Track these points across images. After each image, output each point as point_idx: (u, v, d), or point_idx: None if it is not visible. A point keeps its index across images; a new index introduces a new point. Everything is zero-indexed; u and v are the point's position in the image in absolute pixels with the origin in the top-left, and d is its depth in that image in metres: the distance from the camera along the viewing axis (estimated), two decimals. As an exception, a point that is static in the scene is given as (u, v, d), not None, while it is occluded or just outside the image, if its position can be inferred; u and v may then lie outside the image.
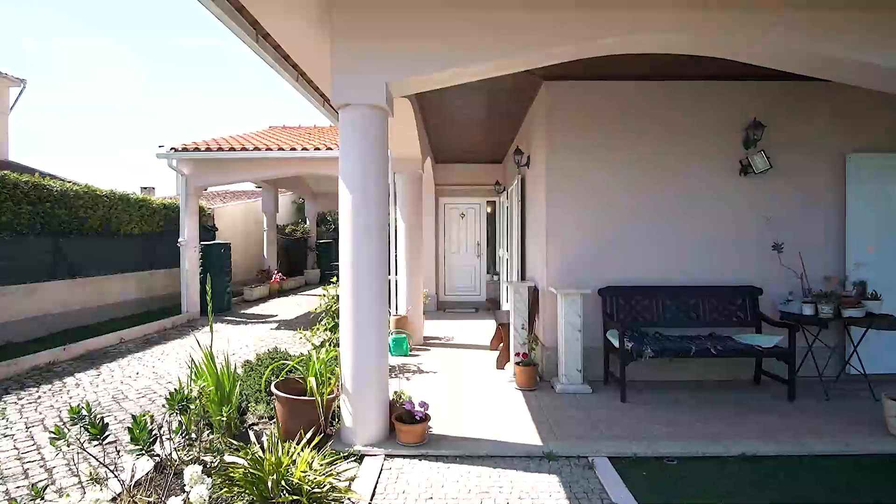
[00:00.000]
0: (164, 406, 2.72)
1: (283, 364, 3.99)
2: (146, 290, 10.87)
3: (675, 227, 5.15)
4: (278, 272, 14.68)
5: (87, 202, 9.09)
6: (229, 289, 11.29)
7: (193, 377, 3.76)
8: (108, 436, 2.46)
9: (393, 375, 5.38)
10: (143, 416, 2.43)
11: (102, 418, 2.45)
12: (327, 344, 5.30)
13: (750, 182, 5.11)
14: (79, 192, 8.95)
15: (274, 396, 3.71)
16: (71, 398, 5.29)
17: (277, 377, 4.03)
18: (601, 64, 4.81)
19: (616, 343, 4.61)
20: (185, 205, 10.27)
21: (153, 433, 2.46)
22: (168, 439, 2.59)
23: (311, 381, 3.60)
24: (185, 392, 2.62)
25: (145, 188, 24.27)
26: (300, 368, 3.85)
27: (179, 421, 2.64)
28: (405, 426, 3.48)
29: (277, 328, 9.32)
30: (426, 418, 3.57)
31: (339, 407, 3.74)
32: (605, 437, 3.70)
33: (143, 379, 5.99)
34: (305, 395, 3.78)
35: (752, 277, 5.10)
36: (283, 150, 10.04)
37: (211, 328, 3.77)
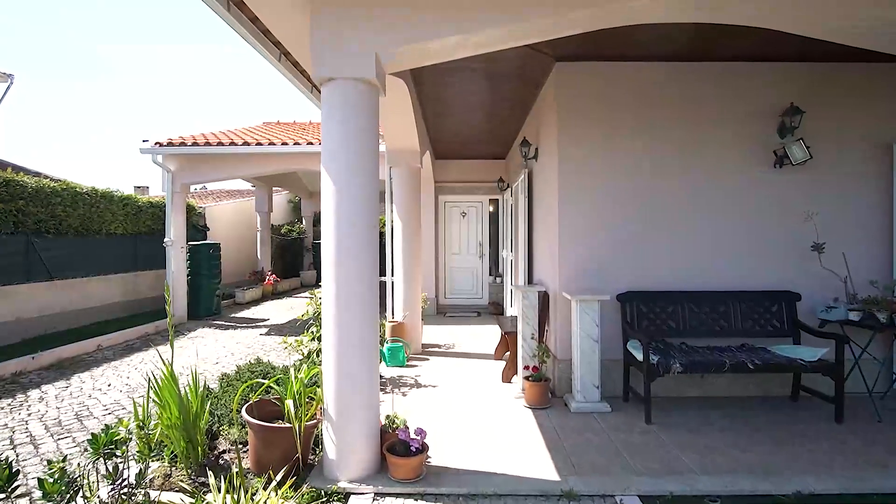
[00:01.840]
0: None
1: (259, 383, 3.47)
2: (132, 293, 10.35)
3: (701, 225, 4.62)
4: (272, 273, 14.13)
5: (65, 200, 8.56)
6: (219, 291, 10.75)
7: (154, 399, 3.25)
8: (17, 486, 1.93)
9: (387, 390, 4.85)
10: (59, 462, 1.90)
11: (10, 464, 1.91)
12: (314, 354, 4.78)
13: (786, 174, 4.58)
14: (56, 190, 8.42)
15: (246, 421, 3.18)
16: (30, 415, 4.76)
17: (255, 393, 3.50)
18: (619, 43, 4.31)
19: (638, 356, 4.08)
20: (171, 202, 9.74)
21: (74, 482, 1.93)
22: (84, 499, 2.05)
23: (289, 404, 3.06)
24: (115, 430, 2.09)
25: (139, 187, 23.81)
26: (277, 388, 3.32)
27: (115, 464, 2.10)
28: (399, 459, 2.95)
29: (267, 333, 8.78)
30: (424, 449, 3.03)
31: (322, 433, 3.21)
32: (632, 469, 3.16)
33: (114, 392, 5.46)
34: (283, 420, 3.27)
35: (788, 281, 4.56)
36: (274, 144, 9.50)
37: (171, 343, 3.23)
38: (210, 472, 2.52)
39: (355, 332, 2.99)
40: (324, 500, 2.78)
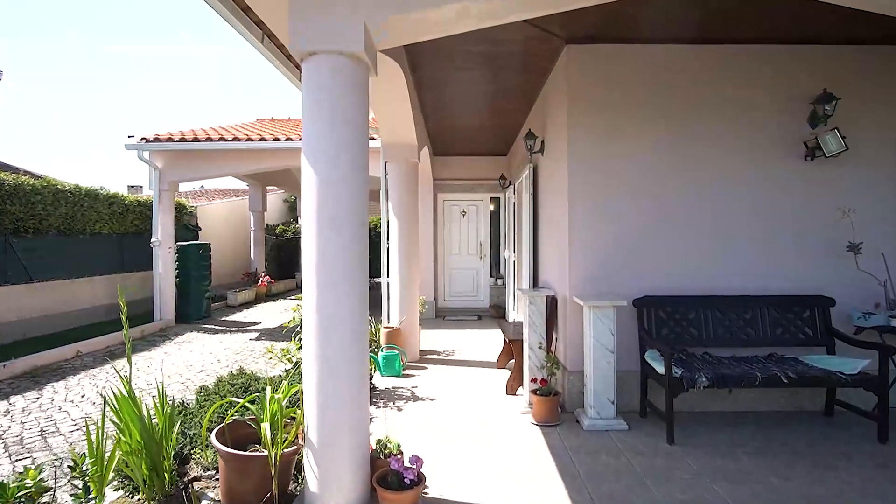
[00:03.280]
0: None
1: (233, 402, 3.07)
2: (118, 295, 9.93)
3: (725, 223, 4.22)
4: (266, 275, 13.73)
5: (45, 198, 8.16)
6: (209, 293, 10.34)
7: (114, 421, 2.86)
8: None
9: (381, 404, 4.45)
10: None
11: None
12: (301, 365, 4.36)
13: (818, 168, 4.18)
14: (36, 187, 8.02)
15: (216, 449, 2.77)
16: (-9, 430, 4.36)
17: (230, 412, 3.10)
18: (635, 23, 3.92)
19: (658, 368, 3.68)
20: (158, 201, 9.33)
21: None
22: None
23: (265, 428, 2.66)
24: (21, 481, 1.68)
25: (132, 187, 23.36)
26: (253, 407, 2.92)
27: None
28: (391, 494, 2.54)
29: (258, 338, 8.37)
30: (420, 480, 2.63)
31: (303, 460, 2.81)
32: (658, 502, 2.76)
33: (87, 404, 5.06)
34: (259, 445, 2.87)
35: (821, 284, 4.17)
36: (265, 140, 9.09)
37: (129, 357, 2.83)
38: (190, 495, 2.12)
39: (341, 346, 2.58)
40: (302, 543, 2.38)
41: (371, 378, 5.06)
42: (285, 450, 2.69)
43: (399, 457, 2.71)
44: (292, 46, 2.57)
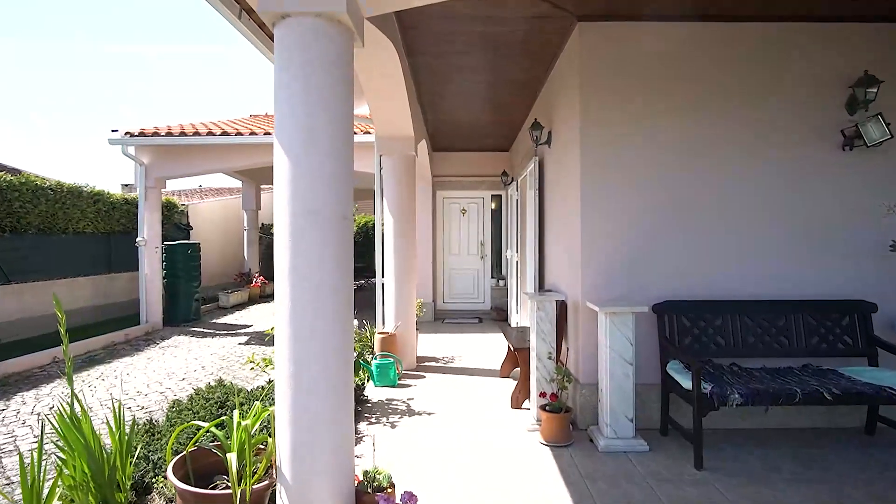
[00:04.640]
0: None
1: (197, 426, 2.66)
2: (104, 297, 9.52)
3: (754, 221, 3.81)
4: (260, 275, 13.32)
5: (24, 195, 7.74)
6: (198, 295, 9.92)
7: (59, 448, 2.48)
8: None
9: (373, 419, 4.04)
10: None
11: None
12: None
13: (858, 158, 3.77)
14: (13, 184, 7.60)
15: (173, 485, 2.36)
16: (-57, 449, 3.95)
17: (192, 440, 2.69)
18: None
19: (683, 381, 3.27)
20: (143, 198, 8.92)
21: None
22: None
23: (231, 459, 2.25)
24: None
25: (126, 185, 22.95)
26: (219, 432, 2.51)
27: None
28: (377, 540, 2.14)
29: (247, 342, 7.96)
30: (412, 521, 2.22)
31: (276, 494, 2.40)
32: (693, 544, 2.36)
33: (54, 417, 4.64)
34: (226, 475, 2.46)
35: (860, 288, 3.76)
36: (255, 134, 8.68)
37: (69, 376, 2.43)
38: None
39: (318, 364, 2.17)
40: None
41: (363, 389, 4.66)
42: (255, 485, 2.29)
43: (389, 493, 2.31)
44: (261, 8, 2.16)
